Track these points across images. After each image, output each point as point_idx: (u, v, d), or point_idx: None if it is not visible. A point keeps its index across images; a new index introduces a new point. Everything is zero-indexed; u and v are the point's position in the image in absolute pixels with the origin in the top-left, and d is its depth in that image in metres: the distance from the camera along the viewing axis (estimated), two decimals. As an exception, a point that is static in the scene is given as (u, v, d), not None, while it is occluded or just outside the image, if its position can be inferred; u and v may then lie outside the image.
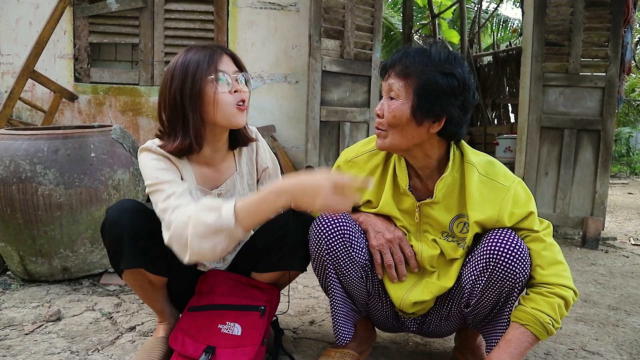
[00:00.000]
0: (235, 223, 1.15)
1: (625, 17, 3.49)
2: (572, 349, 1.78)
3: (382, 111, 1.31)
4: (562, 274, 1.31)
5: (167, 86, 1.34)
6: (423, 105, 1.25)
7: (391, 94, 1.29)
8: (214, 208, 1.17)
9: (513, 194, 1.32)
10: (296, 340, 1.74)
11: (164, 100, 1.36)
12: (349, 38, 3.66)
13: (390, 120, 1.29)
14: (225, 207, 1.16)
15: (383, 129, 1.33)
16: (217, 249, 1.17)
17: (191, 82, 1.31)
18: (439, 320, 1.49)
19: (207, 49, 1.36)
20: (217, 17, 3.77)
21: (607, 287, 2.57)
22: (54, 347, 1.61)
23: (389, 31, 10.30)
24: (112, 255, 1.40)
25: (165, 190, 1.28)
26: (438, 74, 1.24)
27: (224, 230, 1.15)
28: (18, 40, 3.63)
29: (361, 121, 3.80)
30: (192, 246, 1.15)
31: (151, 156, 1.36)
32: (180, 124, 1.34)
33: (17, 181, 2.01)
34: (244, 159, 1.54)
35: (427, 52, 1.27)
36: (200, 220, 1.15)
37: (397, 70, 1.28)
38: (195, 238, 1.15)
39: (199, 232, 1.15)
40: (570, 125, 3.54)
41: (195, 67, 1.31)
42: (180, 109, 1.32)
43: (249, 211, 1.16)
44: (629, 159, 10.42)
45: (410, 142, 1.30)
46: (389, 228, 1.42)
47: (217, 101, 1.32)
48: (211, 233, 1.15)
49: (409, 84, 1.26)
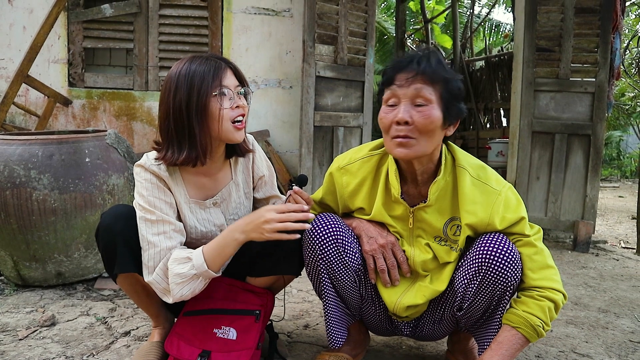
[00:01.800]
0: (207, 266, 1.31)
1: (614, 23, 3.55)
2: (563, 351, 1.80)
3: (411, 117, 1.26)
4: (552, 277, 1.34)
5: (170, 96, 1.33)
6: (451, 110, 1.29)
7: (418, 100, 1.27)
8: (184, 258, 1.31)
9: (504, 199, 1.35)
10: (291, 344, 1.76)
11: (167, 110, 1.34)
12: (342, 43, 3.68)
13: (425, 125, 1.26)
14: (195, 255, 1.31)
15: (413, 136, 1.28)
16: (196, 290, 1.33)
17: (197, 96, 1.31)
18: (432, 323, 1.51)
19: (211, 61, 1.35)
20: (212, 23, 3.79)
21: (597, 290, 2.60)
22: (48, 352, 1.61)
23: (382, 35, 10.35)
24: (106, 260, 1.42)
25: (157, 224, 1.34)
26: (458, 81, 1.30)
27: (199, 275, 1.31)
28: (12, 44, 3.63)
29: (355, 126, 3.83)
30: (174, 293, 1.30)
31: (145, 175, 1.38)
32: (187, 137, 1.34)
33: (11, 186, 2.01)
34: (239, 168, 1.54)
35: (440, 60, 1.31)
36: (175, 272, 1.29)
37: (424, 76, 1.27)
38: (176, 286, 1.30)
39: (177, 282, 1.30)
40: (561, 130, 3.59)
41: (200, 80, 1.31)
42: (187, 122, 1.32)
43: (215, 254, 1.32)
44: (619, 162, 10.54)
45: (432, 147, 1.32)
46: (381, 233, 1.44)
47: (221, 117, 1.34)
48: (188, 280, 1.30)
49: (437, 90, 1.28)
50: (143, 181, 1.38)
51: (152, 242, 1.32)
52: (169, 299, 1.33)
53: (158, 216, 1.34)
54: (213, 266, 1.32)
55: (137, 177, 1.39)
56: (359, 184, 1.46)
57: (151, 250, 1.33)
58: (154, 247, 1.32)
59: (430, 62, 1.28)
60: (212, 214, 1.48)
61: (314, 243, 1.40)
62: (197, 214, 1.46)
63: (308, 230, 1.42)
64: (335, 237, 1.40)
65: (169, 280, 1.30)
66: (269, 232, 1.28)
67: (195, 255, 1.31)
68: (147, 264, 1.33)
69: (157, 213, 1.34)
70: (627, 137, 11.44)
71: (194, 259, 1.31)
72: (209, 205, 1.47)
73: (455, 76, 1.31)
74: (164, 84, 1.37)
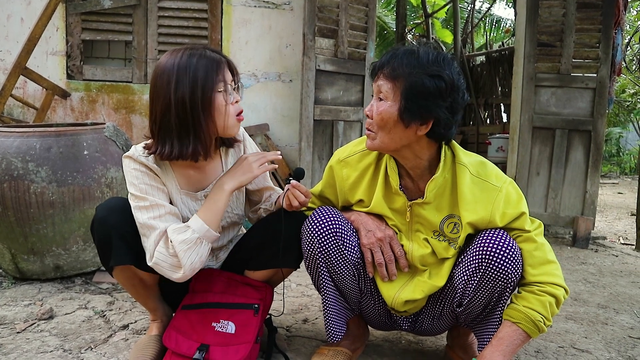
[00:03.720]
0: (207, 226, 1.33)
1: (616, 18, 3.53)
2: (562, 346, 1.80)
3: (371, 112, 1.32)
4: (553, 272, 1.33)
5: (171, 89, 1.29)
6: (410, 108, 1.25)
7: (380, 95, 1.30)
8: (183, 226, 1.33)
9: (505, 195, 1.33)
10: (290, 338, 1.75)
11: (167, 104, 1.30)
12: (343, 37, 3.66)
13: (378, 121, 1.30)
14: (192, 221, 1.34)
15: (372, 130, 1.34)
16: (204, 257, 1.34)
17: (202, 91, 1.30)
18: (432, 318, 1.50)
19: (210, 54, 1.34)
20: (211, 15, 3.76)
21: (596, 286, 2.60)
22: (46, 346, 1.60)
23: (383, 30, 10.31)
24: (102, 253, 1.41)
25: (152, 208, 1.33)
26: (425, 76, 1.24)
27: (202, 237, 1.32)
28: (9, 36, 3.60)
29: (354, 120, 3.81)
30: (184, 262, 1.29)
31: (134, 165, 1.37)
32: (192, 131, 1.32)
33: (9, 179, 2.00)
34: (230, 159, 1.53)
35: (416, 53, 1.27)
36: (179, 240, 1.29)
37: (385, 71, 1.28)
38: (184, 254, 1.29)
39: (184, 248, 1.29)
40: (562, 126, 3.58)
41: (204, 74, 1.30)
42: (191, 116, 1.31)
43: (209, 212, 1.36)
44: (619, 159, 10.54)
45: (399, 144, 1.31)
46: (380, 227, 1.43)
47: (227, 112, 1.34)
48: (193, 245, 1.31)
49: (397, 86, 1.26)
50: (132, 170, 1.37)
51: (151, 226, 1.31)
52: (179, 274, 1.30)
53: (151, 201, 1.33)
54: (212, 225, 1.34)
55: (126, 168, 1.38)
56: (359, 177, 1.46)
57: (151, 234, 1.31)
58: (154, 230, 1.30)
59: (398, 57, 1.27)
60: None
61: (313, 236, 1.39)
62: (189, 205, 1.45)
63: (306, 223, 1.42)
64: (333, 230, 1.39)
65: (177, 249, 1.28)
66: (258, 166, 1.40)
67: (193, 221, 1.34)
68: (149, 248, 1.31)
69: (150, 198, 1.33)
70: (627, 134, 11.43)
71: (192, 224, 1.33)
72: (200, 197, 1.46)
73: (429, 71, 1.22)
74: (157, 76, 1.32)
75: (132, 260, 1.37)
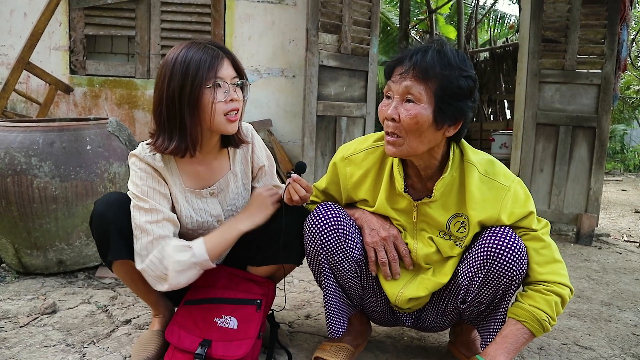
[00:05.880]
0: (207, 256, 1.32)
1: (622, 14, 3.50)
2: (565, 343, 1.79)
3: (398, 115, 1.23)
4: (559, 272, 1.32)
5: (164, 83, 1.30)
6: (445, 110, 1.21)
7: (408, 96, 1.22)
8: (185, 246, 1.32)
9: (513, 194, 1.33)
10: (292, 334, 1.75)
11: (160, 97, 1.31)
12: (346, 33, 3.65)
13: (410, 125, 1.22)
14: (196, 244, 1.33)
15: (399, 134, 1.25)
16: (191, 279, 1.34)
17: (190, 87, 1.28)
18: (435, 315, 1.50)
19: (209, 49, 1.32)
20: (214, 10, 3.75)
21: (600, 283, 2.59)
22: (49, 340, 1.61)
23: (386, 26, 10.26)
24: (101, 248, 1.42)
25: (151, 212, 1.33)
26: (460, 78, 1.20)
27: (198, 264, 1.32)
28: (12, 31, 3.59)
29: (358, 116, 3.80)
30: (171, 280, 1.30)
31: (140, 165, 1.37)
32: (177, 126, 1.31)
33: (12, 173, 2.00)
34: (238, 158, 1.52)
35: (443, 52, 1.22)
36: (176, 260, 1.29)
37: (415, 72, 1.21)
38: (175, 274, 1.29)
39: (177, 269, 1.29)
40: (566, 122, 3.56)
41: (195, 69, 1.28)
42: (178, 111, 1.30)
43: (216, 243, 1.35)
44: (623, 156, 10.48)
45: (426, 147, 1.27)
46: (384, 226, 1.42)
47: (214, 110, 1.31)
48: (187, 268, 1.31)
49: (430, 87, 1.21)
50: (138, 170, 1.37)
51: (146, 230, 1.31)
52: (162, 287, 1.32)
53: (151, 205, 1.33)
54: (213, 256, 1.34)
55: (132, 167, 1.38)
56: (362, 175, 1.44)
57: (144, 238, 1.31)
58: (147, 235, 1.31)
59: (427, 57, 1.20)
60: (209, 204, 1.47)
61: (315, 232, 1.39)
62: (194, 203, 1.45)
63: (309, 219, 1.41)
64: (336, 226, 1.38)
65: (170, 267, 1.29)
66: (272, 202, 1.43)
67: (197, 245, 1.33)
68: (140, 252, 1.32)
69: (151, 202, 1.34)
70: (631, 131, 11.36)
71: (194, 247, 1.32)
72: (205, 194, 1.46)
73: (461, 72, 1.21)
74: (159, 69, 1.34)
75: (130, 255, 1.37)
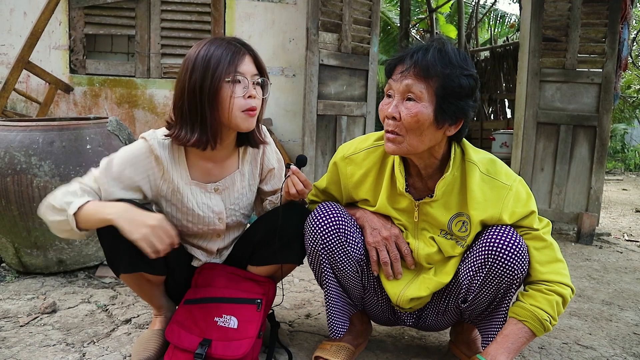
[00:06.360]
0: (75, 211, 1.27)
1: (623, 13, 3.50)
2: (566, 343, 1.79)
3: (399, 114, 1.23)
4: (561, 271, 1.32)
5: (186, 76, 1.31)
6: (446, 109, 1.21)
7: (409, 95, 1.22)
8: (73, 193, 1.31)
9: (515, 193, 1.32)
10: (292, 333, 1.75)
11: (182, 90, 1.32)
12: (346, 32, 3.64)
13: (411, 124, 1.22)
14: (81, 199, 1.29)
15: (399, 133, 1.25)
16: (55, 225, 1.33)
17: (210, 79, 1.29)
18: (436, 314, 1.49)
19: (232, 45, 1.33)
20: (215, 9, 3.74)
21: (601, 282, 2.59)
22: (49, 339, 1.60)
23: (386, 25, 10.26)
24: (110, 259, 1.40)
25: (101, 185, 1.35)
26: (462, 76, 1.20)
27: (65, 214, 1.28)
28: (12, 30, 3.59)
29: (358, 115, 3.80)
30: (39, 209, 1.33)
31: (140, 148, 1.37)
32: (199, 120, 1.32)
33: (12, 173, 2.00)
34: (247, 158, 1.51)
35: (445, 51, 1.21)
36: (56, 195, 1.31)
37: (416, 70, 1.20)
38: (45, 207, 1.32)
39: (50, 203, 1.31)
40: (567, 121, 3.55)
41: (216, 63, 1.29)
42: (199, 104, 1.30)
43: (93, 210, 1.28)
44: (623, 155, 10.48)
45: (427, 146, 1.26)
46: (385, 225, 1.42)
47: (232, 105, 1.31)
48: (56, 210, 1.30)
49: (431, 86, 1.20)
50: (134, 150, 1.38)
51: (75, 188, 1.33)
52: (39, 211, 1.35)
53: (107, 184, 1.34)
54: (80, 218, 1.28)
55: (134, 145, 1.39)
56: (363, 175, 1.44)
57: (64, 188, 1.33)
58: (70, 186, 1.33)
59: (428, 56, 1.20)
60: (212, 199, 1.46)
61: (316, 232, 1.38)
62: (198, 196, 1.44)
63: (309, 219, 1.41)
64: (337, 226, 1.37)
65: (48, 199, 1.32)
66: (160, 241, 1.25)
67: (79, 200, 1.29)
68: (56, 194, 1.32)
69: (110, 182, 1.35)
70: (632, 130, 11.36)
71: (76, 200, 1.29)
72: (210, 189, 1.45)
73: (463, 71, 1.20)
74: (182, 63, 1.35)
75: (142, 268, 1.37)
